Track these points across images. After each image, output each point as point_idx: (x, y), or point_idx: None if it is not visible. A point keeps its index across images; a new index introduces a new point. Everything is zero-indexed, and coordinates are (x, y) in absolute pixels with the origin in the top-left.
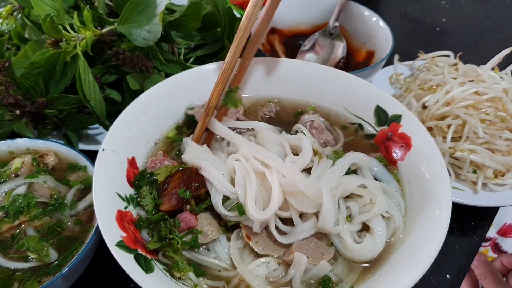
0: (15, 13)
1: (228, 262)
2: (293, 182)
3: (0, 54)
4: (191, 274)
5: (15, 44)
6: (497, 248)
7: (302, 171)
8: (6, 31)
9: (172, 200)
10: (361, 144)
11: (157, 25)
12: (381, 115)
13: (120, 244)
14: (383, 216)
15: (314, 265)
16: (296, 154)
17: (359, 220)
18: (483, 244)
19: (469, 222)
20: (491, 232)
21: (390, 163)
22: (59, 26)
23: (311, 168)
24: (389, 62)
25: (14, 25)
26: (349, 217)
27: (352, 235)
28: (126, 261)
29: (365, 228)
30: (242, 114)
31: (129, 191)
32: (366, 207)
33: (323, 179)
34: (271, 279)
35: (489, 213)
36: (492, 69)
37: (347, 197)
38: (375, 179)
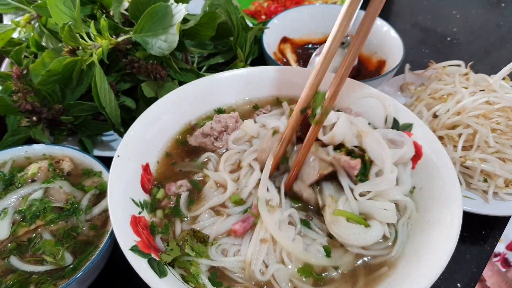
0: (32, 22)
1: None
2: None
3: (18, 61)
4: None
5: (33, 52)
6: (506, 263)
7: None
8: (24, 39)
9: None
10: None
11: (173, 35)
12: (392, 123)
13: (134, 249)
14: None
15: None
16: None
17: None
18: (493, 259)
19: (480, 231)
20: (501, 247)
21: None
22: (76, 34)
23: None
24: (400, 71)
25: (32, 34)
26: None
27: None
28: (140, 265)
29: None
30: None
31: (143, 196)
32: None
33: None
34: None
35: (500, 222)
36: (503, 79)
37: None
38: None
